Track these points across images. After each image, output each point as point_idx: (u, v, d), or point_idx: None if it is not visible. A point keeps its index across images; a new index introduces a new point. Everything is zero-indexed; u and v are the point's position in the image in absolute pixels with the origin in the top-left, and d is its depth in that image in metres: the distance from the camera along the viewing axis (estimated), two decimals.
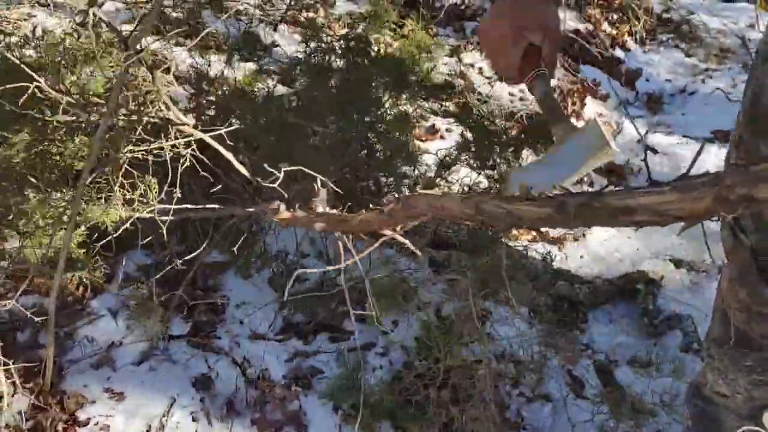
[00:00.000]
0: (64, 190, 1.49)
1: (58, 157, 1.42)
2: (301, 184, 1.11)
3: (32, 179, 1.42)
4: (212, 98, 1.86)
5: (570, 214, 0.59)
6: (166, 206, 1.15)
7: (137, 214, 1.21)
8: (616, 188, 0.58)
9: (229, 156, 1.14)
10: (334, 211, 0.99)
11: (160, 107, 1.14)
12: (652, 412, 1.83)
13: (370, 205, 0.88)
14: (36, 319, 1.49)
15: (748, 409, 1.25)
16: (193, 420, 1.70)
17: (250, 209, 1.11)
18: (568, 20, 3.36)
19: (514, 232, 2.36)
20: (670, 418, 1.80)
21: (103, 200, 1.37)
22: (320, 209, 1.01)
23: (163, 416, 1.69)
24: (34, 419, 1.62)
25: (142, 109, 1.16)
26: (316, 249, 2.15)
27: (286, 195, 1.03)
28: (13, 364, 1.57)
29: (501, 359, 1.88)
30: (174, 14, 2.52)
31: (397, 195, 0.80)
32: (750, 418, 1.25)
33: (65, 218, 1.46)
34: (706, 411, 1.35)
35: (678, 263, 2.30)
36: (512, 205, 0.65)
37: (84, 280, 1.87)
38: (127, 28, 1.25)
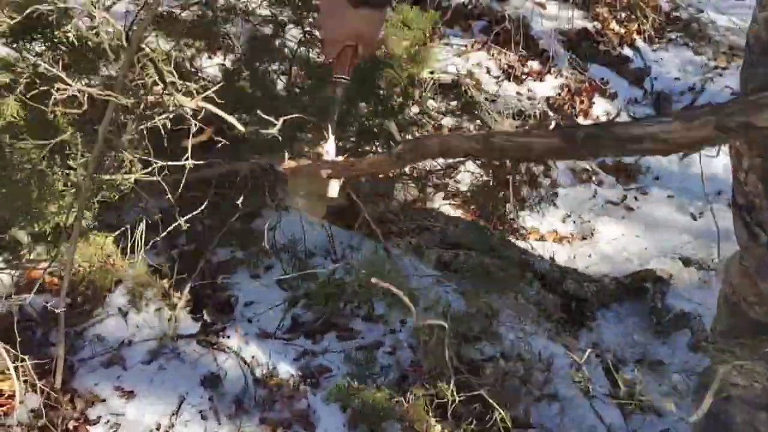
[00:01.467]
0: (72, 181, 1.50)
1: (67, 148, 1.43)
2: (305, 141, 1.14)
3: (43, 172, 1.43)
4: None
5: (577, 144, 0.61)
6: (172, 163, 1.16)
7: (137, 175, 1.21)
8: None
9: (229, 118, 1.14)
10: (340, 158, 1.00)
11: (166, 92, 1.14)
12: (660, 410, 1.83)
13: (378, 149, 0.92)
14: (55, 310, 1.50)
15: (764, 398, 1.26)
16: (202, 418, 1.71)
17: (255, 161, 1.12)
18: (576, 19, 3.35)
19: (523, 231, 2.36)
20: (679, 416, 1.80)
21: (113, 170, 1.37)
22: (331, 154, 1.02)
23: (173, 415, 1.71)
24: (46, 417, 1.64)
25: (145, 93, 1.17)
26: (322, 248, 2.16)
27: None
28: (25, 362, 1.59)
29: (509, 358, 1.88)
30: (182, 15, 2.53)
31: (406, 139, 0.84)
32: (760, 407, 1.27)
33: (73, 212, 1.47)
34: (716, 406, 1.33)
35: (686, 261, 2.29)
36: (522, 138, 0.68)
37: (94, 279, 1.89)
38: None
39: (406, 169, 2.10)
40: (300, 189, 1.18)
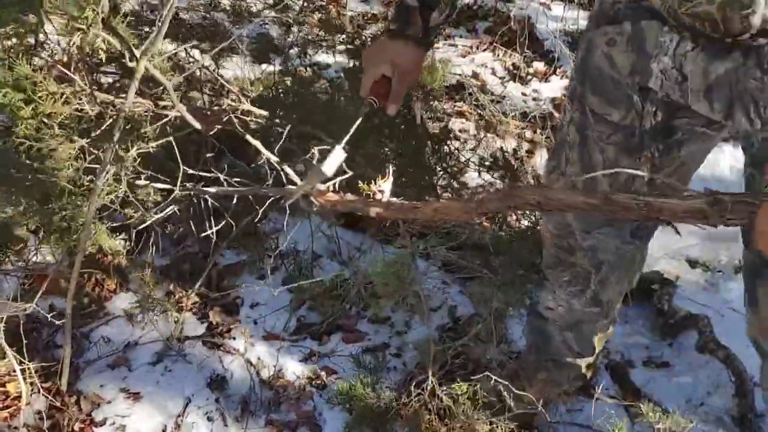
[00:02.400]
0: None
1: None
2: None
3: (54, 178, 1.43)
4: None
5: (726, 209, 0.60)
6: (205, 189, 1.16)
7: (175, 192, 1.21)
8: None
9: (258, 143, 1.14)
10: (394, 199, 0.97)
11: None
12: (667, 412, 1.82)
13: (449, 193, 0.89)
14: (56, 322, 1.50)
15: (568, 319, 1.57)
16: (209, 420, 1.71)
17: (292, 188, 1.09)
18: (581, 19, 3.34)
19: (530, 232, 2.35)
20: (686, 418, 1.79)
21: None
22: (386, 195, 0.99)
23: (179, 416, 1.71)
24: (52, 419, 1.64)
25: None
26: (328, 250, 2.15)
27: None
28: (31, 364, 1.59)
29: (516, 360, 1.88)
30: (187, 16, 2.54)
31: (493, 185, 0.81)
32: (569, 327, 1.59)
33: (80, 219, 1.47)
34: (539, 326, 1.65)
35: (693, 263, 2.28)
36: (652, 198, 0.65)
37: (100, 281, 1.89)
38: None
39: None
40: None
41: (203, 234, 1.86)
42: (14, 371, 1.55)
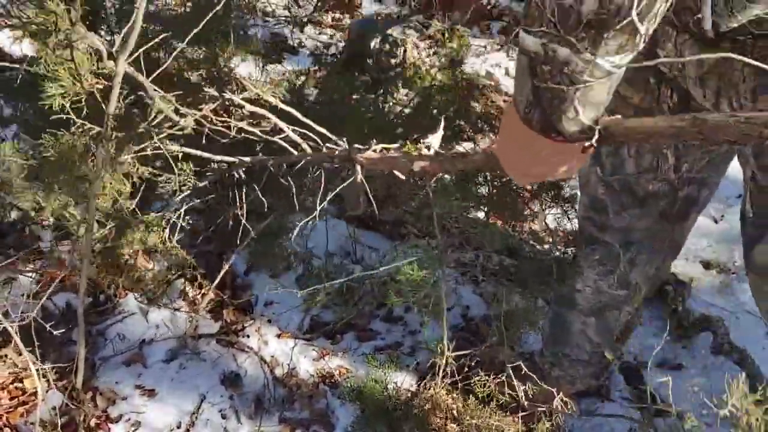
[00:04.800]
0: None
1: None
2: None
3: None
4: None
5: None
6: (243, 159, 1.15)
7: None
8: None
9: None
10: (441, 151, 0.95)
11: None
12: (681, 415, 1.81)
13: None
14: (70, 319, 1.50)
15: (594, 303, 1.59)
16: (223, 417, 1.72)
17: (332, 150, 1.06)
18: None
19: (542, 235, 2.35)
20: (700, 420, 1.78)
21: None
22: (433, 149, 0.97)
23: (193, 413, 1.72)
24: (68, 415, 1.65)
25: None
26: (343, 249, 2.16)
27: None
28: (47, 361, 1.60)
29: (528, 361, 1.87)
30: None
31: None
32: (592, 313, 1.60)
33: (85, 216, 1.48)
34: (560, 314, 1.67)
35: (707, 265, 2.27)
36: (752, 113, 0.62)
37: (115, 278, 1.90)
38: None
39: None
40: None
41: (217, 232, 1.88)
42: (30, 368, 1.56)
